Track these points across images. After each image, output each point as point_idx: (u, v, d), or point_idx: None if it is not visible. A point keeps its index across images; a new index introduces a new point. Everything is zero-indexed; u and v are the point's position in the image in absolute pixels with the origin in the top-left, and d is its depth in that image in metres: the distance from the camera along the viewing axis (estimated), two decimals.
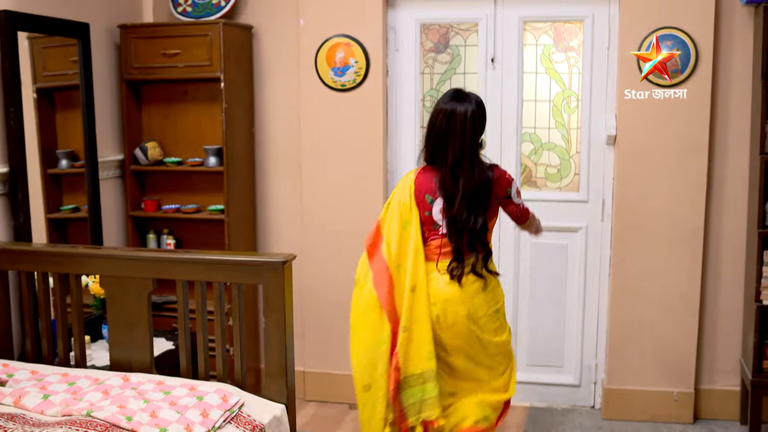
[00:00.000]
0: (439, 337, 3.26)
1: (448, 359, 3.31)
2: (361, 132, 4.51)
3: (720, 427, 4.39)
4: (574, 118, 4.42)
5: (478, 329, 3.26)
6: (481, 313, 3.27)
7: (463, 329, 3.25)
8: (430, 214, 3.26)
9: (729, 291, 4.39)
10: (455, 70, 4.51)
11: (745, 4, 4.12)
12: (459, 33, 4.49)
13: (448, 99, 3.24)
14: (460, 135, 3.16)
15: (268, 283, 3.18)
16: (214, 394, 3.06)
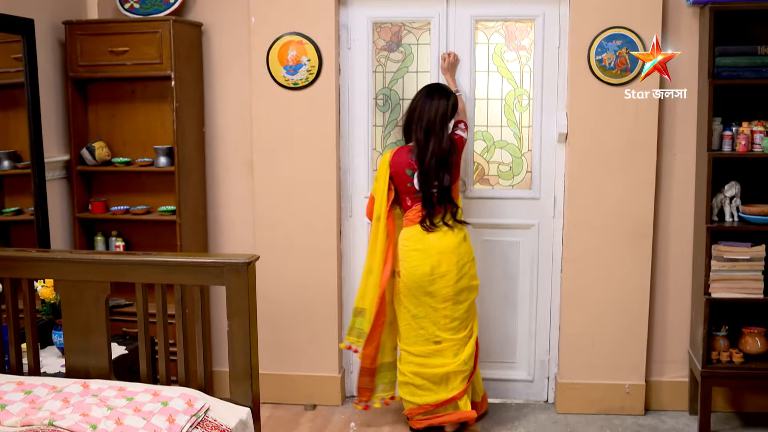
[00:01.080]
0: (432, 288, 4.05)
1: (438, 306, 4.07)
2: (313, 130, 4.50)
3: (670, 417, 4.52)
4: (525, 116, 4.49)
5: (463, 274, 4.07)
6: (466, 259, 4.11)
7: (453, 276, 4.03)
8: (411, 185, 4.06)
9: (677, 285, 4.52)
10: (408, 69, 4.54)
11: (691, 5, 4.21)
12: (411, 31, 4.51)
13: (427, 90, 4.07)
14: (434, 113, 3.99)
15: (231, 284, 3.15)
16: (179, 399, 3.02)
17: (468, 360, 4.12)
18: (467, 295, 4.13)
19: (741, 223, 4.20)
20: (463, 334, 4.13)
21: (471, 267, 4.14)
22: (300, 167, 4.54)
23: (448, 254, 4.05)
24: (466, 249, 4.11)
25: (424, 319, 4.10)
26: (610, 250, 4.45)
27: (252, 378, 3.20)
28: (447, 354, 4.11)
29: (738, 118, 4.24)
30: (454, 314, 4.09)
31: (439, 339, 4.11)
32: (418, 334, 4.12)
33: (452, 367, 4.09)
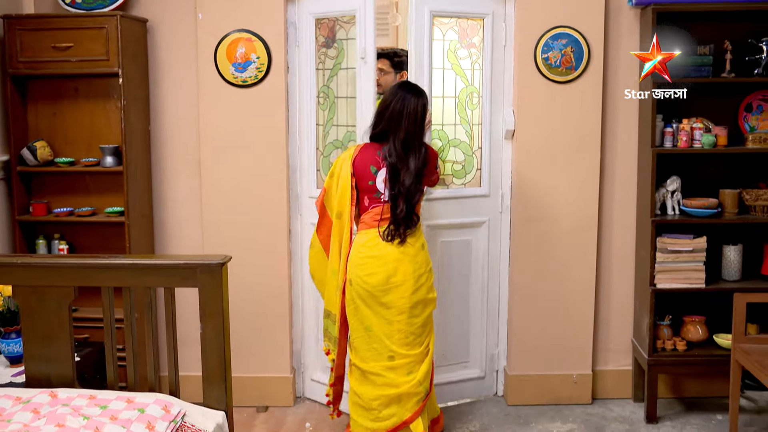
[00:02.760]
0: (386, 298, 3.78)
1: (392, 319, 3.80)
2: (263, 129, 4.49)
3: (616, 405, 4.67)
4: (476, 114, 4.52)
5: (420, 285, 3.81)
6: (424, 269, 3.86)
7: (410, 287, 3.78)
8: (373, 184, 3.81)
9: (620, 276, 4.69)
10: (340, 66, 4.52)
11: (633, 6, 4.34)
12: (342, 26, 4.49)
13: (402, 88, 3.79)
14: (413, 118, 3.72)
15: (204, 286, 3.12)
16: (155, 405, 2.97)
17: (423, 380, 3.85)
18: (423, 308, 3.86)
19: (682, 216, 4.38)
20: (418, 350, 3.85)
21: (428, 278, 3.89)
22: (249, 166, 4.51)
23: (405, 263, 3.78)
24: (423, 259, 3.86)
25: (377, 332, 3.82)
26: (557, 244, 4.57)
27: (226, 381, 3.14)
28: (400, 372, 3.82)
29: (677, 116, 4.40)
30: (409, 328, 3.82)
31: (392, 354, 3.81)
32: (371, 347, 3.84)
33: (405, 388, 3.80)
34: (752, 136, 4.34)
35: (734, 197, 4.39)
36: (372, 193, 3.82)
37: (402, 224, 3.74)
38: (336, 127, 4.48)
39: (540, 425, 4.43)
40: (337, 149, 4.49)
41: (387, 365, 3.82)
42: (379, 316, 3.80)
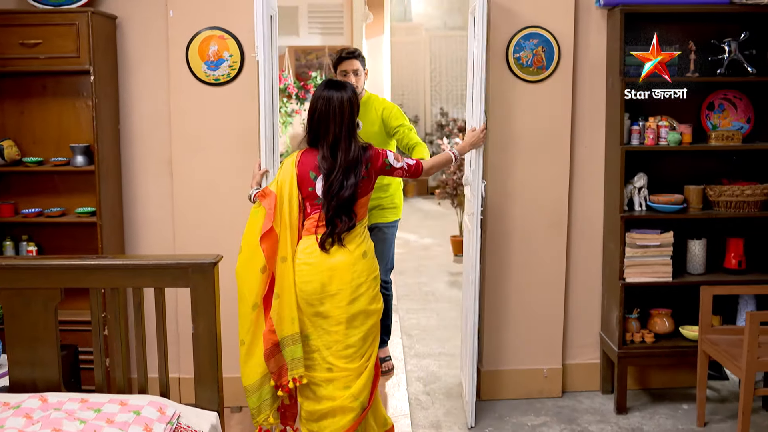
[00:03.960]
0: (323, 308, 3.61)
1: (330, 329, 3.63)
2: (236, 127, 4.49)
3: (585, 398, 4.78)
4: None
5: (359, 295, 3.62)
6: (363, 279, 3.65)
7: (346, 296, 3.59)
8: (313, 190, 3.63)
9: (588, 271, 4.80)
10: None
11: (600, 7, 4.44)
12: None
13: (324, 87, 3.65)
14: (339, 117, 3.57)
15: (197, 285, 3.11)
16: (150, 407, 2.96)
17: (359, 394, 3.67)
18: (364, 319, 3.66)
19: (649, 212, 4.51)
20: (357, 364, 3.68)
21: (370, 288, 3.67)
22: (222, 165, 4.51)
23: (341, 271, 3.59)
24: (364, 267, 3.64)
25: (316, 342, 3.65)
26: (527, 240, 4.67)
27: (219, 381, 3.12)
28: (338, 385, 3.66)
29: (643, 114, 4.52)
30: (347, 341, 3.64)
31: (330, 366, 3.65)
32: (310, 357, 3.67)
33: (339, 402, 3.65)
34: (715, 133, 4.49)
35: (698, 193, 4.54)
36: (313, 200, 3.64)
37: (336, 228, 3.57)
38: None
39: (514, 419, 4.51)
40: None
41: (326, 377, 3.67)
42: (316, 325, 3.63)
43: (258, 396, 3.64)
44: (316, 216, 3.62)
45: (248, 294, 3.53)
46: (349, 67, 4.71)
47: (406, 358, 5.55)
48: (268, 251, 3.59)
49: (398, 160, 3.74)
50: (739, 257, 4.60)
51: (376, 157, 3.65)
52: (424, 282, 7.85)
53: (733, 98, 4.62)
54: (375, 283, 3.71)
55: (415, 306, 6.89)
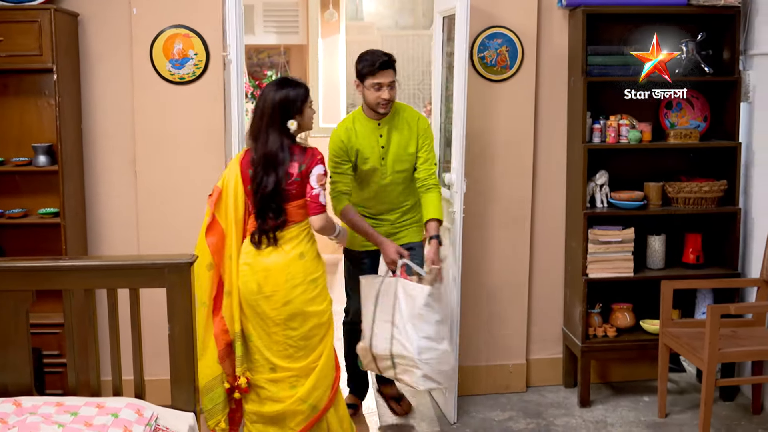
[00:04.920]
0: (261, 308, 3.61)
1: (269, 330, 3.63)
2: (201, 127, 4.47)
3: (549, 392, 4.87)
4: None
5: (294, 296, 3.59)
6: (299, 280, 3.60)
7: (281, 298, 3.58)
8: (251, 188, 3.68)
9: (550, 267, 4.91)
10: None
11: (562, 7, 4.51)
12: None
13: (272, 84, 3.66)
14: (266, 112, 3.55)
15: (173, 286, 3.09)
16: (127, 409, 2.93)
17: (307, 396, 3.64)
18: (303, 321, 3.62)
19: (611, 209, 4.60)
20: (302, 363, 3.65)
21: (308, 290, 3.61)
22: (187, 165, 4.48)
23: (275, 273, 3.57)
24: (300, 269, 3.59)
25: (256, 342, 3.66)
26: (492, 237, 4.74)
27: (195, 382, 3.10)
28: (283, 385, 3.66)
29: (604, 113, 4.60)
30: (287, 341, 3.62)
31: (274, 366, 3.65)
32: (254, 359, 3.68)
33: (286, 405, 3.64)
34: (673, 132, 4.61)
35: (658, 190, 4.64)
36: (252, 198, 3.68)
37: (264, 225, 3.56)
38: None
39: (481, 414, 4.56)
40: None
41: (269, 377, 3.66)
42: (256, 326, 3.64)
43: (210, 398, 3.65)
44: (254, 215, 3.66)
45: (197, 291, 3.44)
46: (385, 80, 3.99)
47: None
48: (214, 246, 3.62)
49: (318, 183, 3.57)
50: (697, 252, 4.72)
51: (312, 160, 3.57)
52: None
53: (691, 97, 4.74)
54: (314, 285, 3.64)
55: None
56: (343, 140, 4.08)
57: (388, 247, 4.02)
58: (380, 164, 4.13)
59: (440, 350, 3.87)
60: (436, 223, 4.11)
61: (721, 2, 4.42)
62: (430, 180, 4.17)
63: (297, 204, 3.57)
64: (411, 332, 3.82)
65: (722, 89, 4.67)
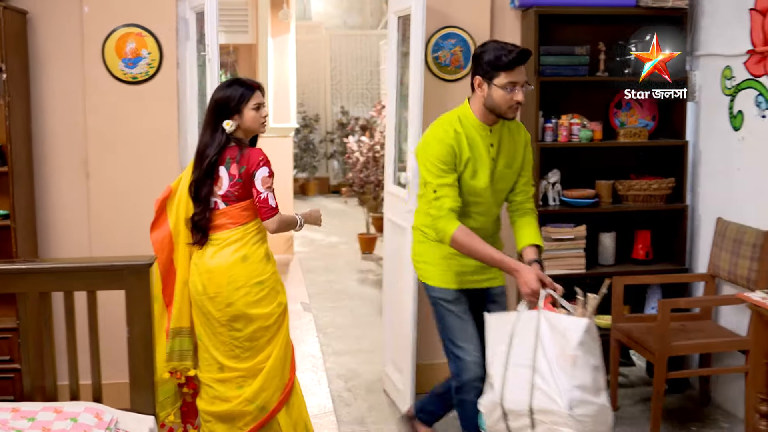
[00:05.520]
0: (206, 309, 3.56)
1: (216, 330, 3.59)
2: (154, 127, 4.45)
3: None
4: None
5: (236, 299, 3.52)
6: (242, 282, 3.54)
7: (223, 300, 3.52)
8: None
9: None
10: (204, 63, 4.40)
11: (515, 8, 4.57)
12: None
13: (221, 84, 3.61)
14: (214, 114, 3.51)
15: (132, 288, 3.06)
16: (86, 414, 2.90)
17: (254, 397, 3.60)
18: (246, 323, 3.55)
19: (563, 206, 4.68)
20: (249, 364, 3.61)
21: (251, 293, 3.55)
22: (140, 166, 4.45)
23: (218, 275, 3.52)
24: (243, 271, 3.54)
25: (206, 342, 3.62)
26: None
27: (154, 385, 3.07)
28: (230, 385, 3.61)
29: (555, 112, 4.67)
30: (233, 342, 3.58)
31: (221, 366, 3.61)
32: (203, 357, 3.66)
33: (233, 405, 3.59)
34: (623, 131, 4.70)
35: (609, 188, 4.73)
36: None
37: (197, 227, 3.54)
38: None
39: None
40: None
41: (217, 377, 3.62)
42: (205, 325, 3.60)
43: (163, 391, 3.65)
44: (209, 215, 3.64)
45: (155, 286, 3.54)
46: (521, 78, 3.30)
47: (325, 356, 5.57)
48: (157, 243, 3.64)
49: (265, 184, 3.49)
50: (647, 248, 4.82)
51: (252, 161, 3.49)
52: (333, 280, 7.87)
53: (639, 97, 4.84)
54: (260, 287, 3.57)
55: (327, 304, 6.90)
56: (453, 144, 3.32)
57: (528, 275, 3.21)
58: (489, 182, 3.42)
59: (597, 405, 2.99)
60: (538, 250, 3.48)
61: (669, 4, 4.53)
62: (528, 203, 3.60)
63: (241, 206, 3.54)
64: (561, 380, 2.96)
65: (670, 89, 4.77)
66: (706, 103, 4.65)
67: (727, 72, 4.41)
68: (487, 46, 3.32)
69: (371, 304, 6.93)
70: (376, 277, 7.85)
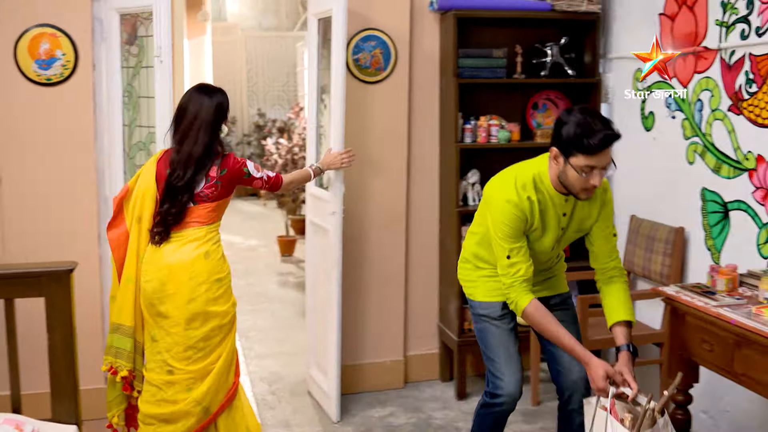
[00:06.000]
0: (162, 307, 3.55)
1: (170, 330, 3.57)
2: (70, 129, 4.36)
3: (426, 386, 5.03)
4: None
5: (197, 295, 3.55)
6: (203, 279, 3.58)
7: (184, 296, 3.53)
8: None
9: (425, 265, 5.03)
10: (141, 63, 4.41)
11: (434, 11, 4.63)
12: (143, 22, 4.37)
13: (193, 91, 3.66)
14: (193, 119, 3.56)
15: (52, 295, 3.00)
16: (6, 426, 2.84)
17: (201, 399, 3.59)
18: (204, 321, 3.58)
19: None
20: (199, 366, 3.61)
21: (211, 290, 3.59)
22: (55, 170, 4.34)
23: (178, 271, 3.54)
24: (204, 268, 3.58)
25: (159, 343, 3.60)
26: (369, 237, 4.80)
27: (77, 394, 3.00)
28: (179, 388, 3.60)
29: (474, 113, 4.76)
30: (187, 342, 3.57)
31: (171, 369, 3.59)
32: (155, 359, 3.62)
33: (180, 406, 3.58)
34: (540, 131, 4.82)
35: None
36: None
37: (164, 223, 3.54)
38: (139, 128, 4.38)
39: (362, 411, 4.63)
40: (141, 151, 4.40)
41: (166, 379, 3.61)
42: (159, 326, 3.59)
43: (111, 390, 3.68)
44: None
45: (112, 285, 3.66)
46: (603, 163, 2.92)
47: (247, 359, 5.53)
48: (115, 242, 3.65)
49: (258, 170, 3.74)
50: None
51: (233, 164, 3.63)
52: (253, 283, 7.83)
53: (555, 98, 4.98)
54: (219, 285, 3.62)
55: (248, 307, 6.85)
56: (526, 212, 3.07)
57: (595, 371, 3.00)
58: (551, 246, 3.23)
59: None
60: (628, 328, 3.16)
61: (583, 8, 4.66)
62: (611, 263, 3.23)
63: (211, 206, 3.59)
64: None
65: (584, 91, 4.92)
66: (619, 104, 4.80)
67: (638, 74, 4.57)
68: (572, 116, 2.94)
69: (292, 306, 6.93)
70: (296, 280, 7.84)
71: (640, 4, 4.55)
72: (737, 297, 3.26)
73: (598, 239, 3.19)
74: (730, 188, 3.93)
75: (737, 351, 3.00)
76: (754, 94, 3.74)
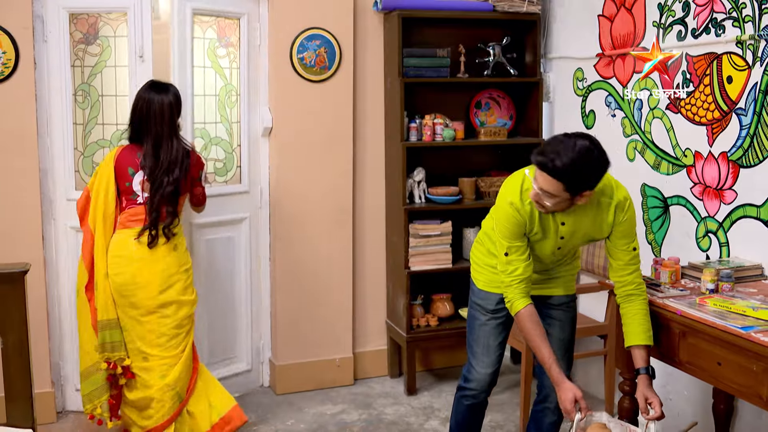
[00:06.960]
0: (134, 298, 3.78)
1: (142, 319, 3.80)
2: (10, 129, 4.28)
3: (376, 383, 5.07)
4: (235, 112, 4.61)
5: (169, 285, 3.82)
6: (173, 270, 3.85)
7: (157, 286, 3.79)
8: (130, 185, 3.83)
9: (373, 262, 5.09)
10: (106, 63, 4.38)
11: (378, 11, 4.70)
12: (108, 23, 4.34)
13: (147, 88, 3.81)
14: (160, 119, 3.75)
15: (5, 297, 2.93)
16: None
17: (174, 384, 3.83)
18: (177, 309, 3.84)
19: (429, 204, 4.84)
20: (174, 352, 3.85)
21: (181, 279, 3.86)
22: None
23: (152, 263, 3.78)
24: (174, 259, 3.85)
25: (131, 332, 3.81)
26: (315, 236, 4.84)
27: (31, 397, 2.97)
28: (154, 374, 3.81)
29: (419, 112, 4.83)
30: (160, 329, 3.81)
31: (146, 356, 3.82)
32: (129, 348, 3.83)
33: (153, 392, 3.80)
34: (483, 130, 4.91)
35: (471, 185, 4.93)
36: (129, 195, 3.84)
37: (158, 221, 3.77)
38: (102, 126, 4.35)
39: (313, 409, 4.66)
40: (104, 148, 4.37)
41: (141, 366, 3.83)
42: (129, 316, 3.81)
43: (89, 383, 3.86)
44: (133, 211, 3.82)
45: (78, 280, 3.87)
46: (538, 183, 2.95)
47: None
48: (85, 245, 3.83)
49: (206, 180, 4.05)
50: None
51: (195, 165, 3.91)
52: None
53: (497, 97, 5.09)
54: (187, 275, 3.91)
55: None
56: (525, 215, 3.08)
57: (564, 394, 3.02)
58: (552, 252, 3.23)
59: None
60: (646, 351, 3.13)
61: (524, 9, 4.78)
62: (630, 278, 3.15)
63: (180, 201, 3.87)
64: None
65: (526, 90, 5.04)
66: (560, 103, 4.94)
67: (578, 74, 4.71)
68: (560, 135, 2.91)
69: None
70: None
71: (580, 5, 4.68)
72: (681, 288, 3.38)
73: (615, 251, 3.15)
74: (669, 184, 4.08)
75: (683, 340, 3.12)
76: (691, 93, 3.90)
